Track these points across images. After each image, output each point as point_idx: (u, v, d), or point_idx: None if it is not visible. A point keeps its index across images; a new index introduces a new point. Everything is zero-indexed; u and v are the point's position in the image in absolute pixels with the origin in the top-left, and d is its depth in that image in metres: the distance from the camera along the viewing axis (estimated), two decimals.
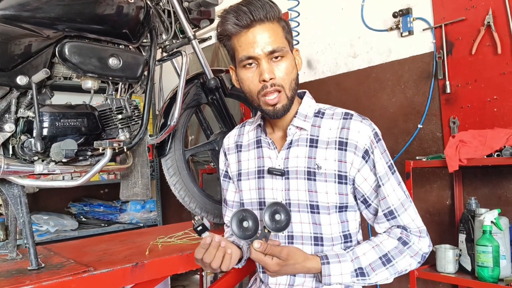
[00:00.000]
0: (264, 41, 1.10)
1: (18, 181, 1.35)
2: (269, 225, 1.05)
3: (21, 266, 1.40)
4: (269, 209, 1.06)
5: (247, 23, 1.10)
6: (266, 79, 1.10)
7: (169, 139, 1.75)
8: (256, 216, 1.07)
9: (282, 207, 1.07)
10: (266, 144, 1.26)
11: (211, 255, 1.07)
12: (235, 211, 1.08)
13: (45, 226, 3.32)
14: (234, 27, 1.11)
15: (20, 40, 1.30)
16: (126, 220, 3.78)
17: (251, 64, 1.13)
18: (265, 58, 1.11)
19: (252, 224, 1.05)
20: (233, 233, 1.06)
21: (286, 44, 1.14)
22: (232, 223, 1.05)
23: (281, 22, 1.15)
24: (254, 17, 1.09)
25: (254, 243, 1.03)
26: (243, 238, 1.05)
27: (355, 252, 1.13)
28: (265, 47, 1.10)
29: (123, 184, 1.63)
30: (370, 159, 1.14)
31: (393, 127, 2.36)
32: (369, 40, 2.50)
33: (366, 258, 1.12)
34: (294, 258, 1.07)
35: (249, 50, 1.11)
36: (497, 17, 1.96)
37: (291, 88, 1.15)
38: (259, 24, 1.10)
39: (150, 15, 1.59)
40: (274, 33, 1.11)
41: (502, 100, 1.96)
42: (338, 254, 1.12)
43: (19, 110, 1.34)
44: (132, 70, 1.53)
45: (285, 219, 1.06)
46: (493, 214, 1.68)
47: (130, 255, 1.50)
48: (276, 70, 1.12)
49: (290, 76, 1.14)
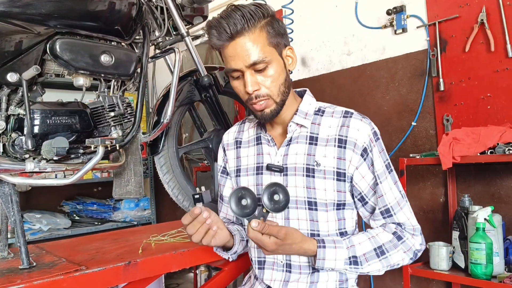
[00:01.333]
0: (244, 54, 1.10)
1: (8, 179, 1.33)
2: (268, 205, 1.05)
3: (12, 265, 1.38)
4: (267, 189, 1.06)
5: (226, 37, 1.10)
6: (249, 92, 1.12)
7: (162, 137, 1.74)
8: (254, 194, 1.07)
9: (281, 187, 1.06)
10: (265, 141, 1.26)
11: (194, 228, 1.08)
12: (234, 189, 1.08)
13: (37, 225, 3.29)
14: (217, 42, 1.12)
15: (11, 37, 1.29)
16: (119, 219, 3.76)
17: (237, 75, 1.15)
18: (248, 70, 1.12)
19: (250, 202, 1.05)
20: (232, 210, 1.06)
21: (269, 52, 1.12)
22: (231, 200, 1.05)
23: (266, 27, 1.13)
24: (232, 31, 1.09)
25: (252, 222, 1.02)
26: (242, 215, 1.05)
27: (351, 240, 1.14)
28: (246, 60, 1.10)
29: (116, 182, 1.62)
30: (368, 157, 1.15)
31: (387, 125, 2.36)
32: (363, 37, 2.50)
33: (361, 248, 1.13)
34: (291, 238, 1.07)
35: (232, 63, 1.12)
36: (490, 14, 1.96)
37: (279, 93, 1.15)
38: (238, 37, 1.10)
39: (142, 12, 1.58)
40: (255, 43, 1.10)
41: (496, 98, 1.97)
42: (334, 240, 1.13)
43: (9, 107, 1.32)
44: (124, 67, 1.51)
45: (283, 200, 1.06)
46: (486, 212, 1.69)
47: (123, 254, 1.49)
48: (260, 79, 1.13)
49: (277, 82, 1.14)
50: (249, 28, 1.10)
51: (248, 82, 1.12)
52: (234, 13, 1.10)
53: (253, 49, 1.10)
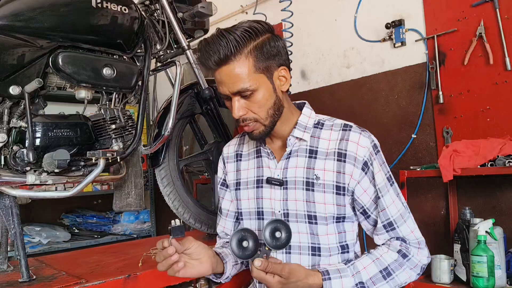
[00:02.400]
0: (230, 81, 1.10)
1: (9, 191, 1.33)
2: (270, 243, 1.05)
3: (12, 278, 1.37)
4: (269, 226, 1.06)
5: (214, 65, 1.10)
6: (236, 117, 1.13)
7: (163, 149, 1.75)
8: (256, 235, 1.06)
9: (283, 224, 1.06)
10: (265, 154, 1.26)
11: (159, 258, 1.08)
12: (235, 231, 1.07)
13: (37, 238, 3.28)
14: (207, 67, 1.13)
15: (14, 50, 1.30)
16: (119, 231, 3.75)
17: (226, 98, 1.15)
18: (235, 96, 1.12)
19: (252, 243, 1.05)
20: (233, 253, 1.05)
21: (255, 79, 1.10)
22: (232, 242, 1.05)
23: (254, 52, 1.09)
24: (216, 60, 1.09)
25: (255, 261, 1.02)
26: (243, 258, 1.05)
27: (355, 266, 1.12)
28: (231, 87, 1.10)
29: (117, 195, 1.62)
30: (369, 171, 1.15)
31: (386, 137, 2.37)
32: (362, 50, 2.52)
33: (367, 272, 1.12)
34: (296, 276, 1.05)
35: (219, 88, 1.14)
36: (488, 28, 1.98)
37: (267, 116, 1.15)
38: (224, 64, 1.09)
39: (144, 26, 1.59)
40: (240, 71, 1.08)
41: (495, 110, 1.98)
42: (339, 269, 1.11)
43: (11, 120, 1.33)
44: (126, 80, 1.52)
45: (285, 237, 1.06)
46: (487, 224, 1.68)
47: (122, 267, 1.48)
48: (247, 105, 1.12)
49: (264, 108, 1.13)
50: (234, 56, 1.08)
51: (234, 108, 1.12)
52: (220, 40, 1.08)
53: (238, 78, 1.09)
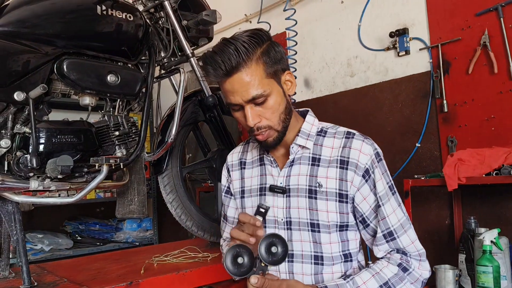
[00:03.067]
0: (242, 89, 1.07)
1: (12, 197, 1.33)
2: (265, 258, 1.00)
3: (14, 285, 1.37)
4: (264, 241, 1.01)
5: (222, 74, 1.07)
6: (251, 125, 1.11)
7: (166, 156, 1.75)
8: (251, 251, 1.01)
9: (279, 238, 1.01)
10: (268, 162, 1.26)
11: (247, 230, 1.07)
12: (229, 248, 1.02)
13: (39, 245, 3.27)
14: (214, 78, 1.10)
15: (19, 56, 1.31)
16: (121, 239, 3.73)
17: (237, 108, 1.13)
18: (248, 105, 1.09)
19: (247, 260, 1.00)
20: (228, 270, 1.00)
21: (267, 84, 1.09)
22: (226, 259, 0.99)
23: (262, 57, 1.09)
24: (227, 68, 1.06)
25: (251, 279, 0.99)
26: (238, 275, 1.00)
27: (355, 281, 1.10)
28: (244, 95, 1.08)
29: (119, 202, 1.62)
30: (370, 179, 1.14)
31: (390, 146, 2.36)
32: (366, 59, 2.52)
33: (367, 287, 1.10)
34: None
35: (231, 98, 1.10)
36: (493, 37, 1.98)
37: (280, 121, 1.14)
38: (235, 73, 1.06)
39: (149, 33, 1.60)
40: (252, 78, 1.07)
41: (500, 119, 1.97)
42: (338, 285, 1.09)
43: (15, 126, 1.33)
44: (130, 87, 1.53)
45: (281, 252, 1.00)
46: (493, 234, 1.67)
47: (124, 274, 1.47)
48: (261, 112, 1.11)
49: (277, 112, 1.13)
50: (245, 62, 1.06)
51: (249, 117, 1.09)
52: (227, 47, 1.06)
53: (250, 84, 1.07)
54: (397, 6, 2.37)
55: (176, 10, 1.75)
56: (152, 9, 1.76)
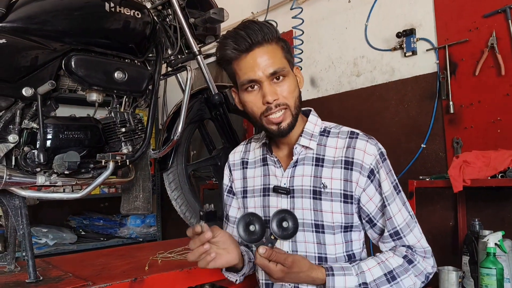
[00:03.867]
0: (265, 63, 1.10)
1: (19, 192, 1.34)
2: (276, 232, 1.04)
3: (19, 279, 1.38)
4: (276, 216, 1.04)
5: (246, 47, 1.10)
6: (270, 101, 1.10)
7: (172, 154, 1.76)
8: (262, 220, 1.05)
9: (290, 214, 1.05)
10: (272, 162, 1.25)
11: (194, 244, 1.04)
12: (242, 215, 1.06)
13: (44, 239, 3.29)
14: (234, 52, 1.11)
15: (28, 52, 1.32)
16: (125, 235, 3.75)
17: (253, 87, 1.13)
18: (267, 80, 1.11)
19: (258, 228, 1.04)
20: (239, 236, 1.04)
21: (286, 64, 1.14)
22: (239, 226, 1.04)
23: (280, 42, 1.14)
24: (253, 41, 1.09)
25: (259, 249, 1.01)
26: (249, 241, 1.04)
27: (360, 266, 1.11)
28: (266, 69, 1.10)
29: (124, 198, 1.63)
30: (375, 179, 1.14)
31: (396, 147, 2.36)
32: (372, 59, 2.51)
33: (371, 274, 1.10)
34: (299, 266, 1.05)
35: (250, 74, 1.11)
36: (500, 39, 1.97)
37: (295, 106, 1.15)
38: (257, 47, 1.10)
39: (156, 31, 1.61)
40: (273, 54, 1.11)
41: (506, 122, 1.96)
42: (343, 267, 1.11)
43: (23, 121, 1.34)
44: (137, 84, 1.54)
45: (292, 227, 1.04)
46: (497, 236, 1.66)
47: (129, 270, 1.48)
48: (279, 90, 1.12)
49: (293, 95, 1.14)
50: (268, 39, 1.11)
51: (267, 92, 1.10)
52: (252, 25, 1.11)
53: (272, 59, 1.10)
54: (404, 6, 2.36)
55: (184, 8, 1.75)
56: (159, 6, 1.77)
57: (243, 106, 1.19)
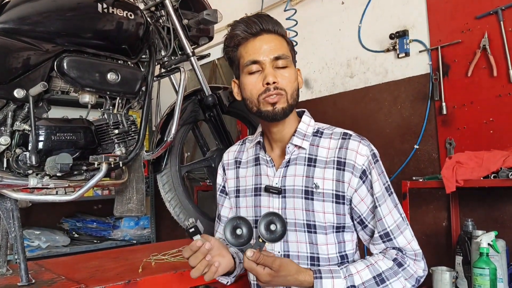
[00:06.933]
0: (271, 48, 1.15)
1: (11, 194, 1.33)
2: (264, 235, 1.04)
3: (11, 282, 1.37)
4: (264, 219, 1.04)
5: (256, 31, 1.17)
6: (269, 82, 1.14)
7: (165, 155, 1.75)
8: (250, 224, 1.06)
9: (278, 217, 1.05)
10: (264, 161, 1.25)
11: (196, 260, 1.05)
12: (229, 218, 1.07)
13: (36, 242, 3.27)
14: (244, 33, 1.17)
15: (19, 53, 1.30)
16: (119, 237, 3.74)
17: (255, 73, 1.17)
18: (270, 64, 1.15)
19: (246, 231, 1.04)
20: (226, 240, 1.04)
21: (290, 57, 1.19)
22: (226, 230, 1.04)
23: (285, 37, 1.22)
24: (263, 27, 1.16)
25: (247, 252, 1.01)
26: (236, 245, 1.04)
27: (349, 269, 1.11)
28: (271, 53, 1.15)
29: (118, 200, 1.61)
30: (367, 180, 1.14)
31: (389, 147, 2.36)
32: (366, 60, 2.52)
33: (360, 277, 1.10)
34: (286, 270, 1.05)
35: (255, 55, 1.16)
36: (492, 40, 1.98)
37: (292, 96, 1.17)
38: (266, 33, 1.17)
39: (149, 32, 1.60)
40: (280, 43, 1.18)
41: (498, 122, 1.97)
42: (331, 270, 1.10)
43: (15, 123, 1.33)
44: (130, 85, 1.53)
45: (280, 230, 1.04)
46: (490, 236, 1.67)
47: (122, 272, 1.47)
48: (279, 76, 1.15)
49: (292, 85, 1.17)
50: (277, 30, 1.18)
51: (269, 73, 1.14)
52: (265, 15, 1.19)
53: (279, 46, 1.17)
54: (397, 8, 2.37)
55: (177, 9, 1.74)
56: (153, 7, 1.76)
57: (242, 90, 1.21)
